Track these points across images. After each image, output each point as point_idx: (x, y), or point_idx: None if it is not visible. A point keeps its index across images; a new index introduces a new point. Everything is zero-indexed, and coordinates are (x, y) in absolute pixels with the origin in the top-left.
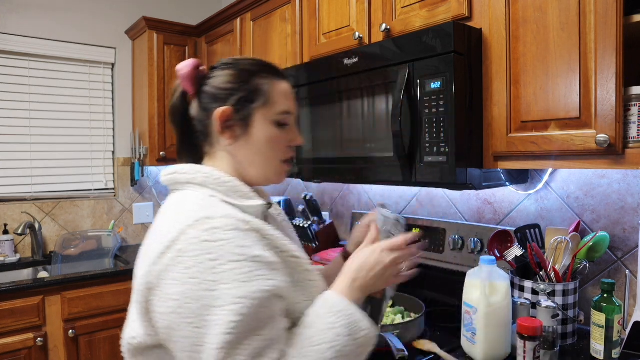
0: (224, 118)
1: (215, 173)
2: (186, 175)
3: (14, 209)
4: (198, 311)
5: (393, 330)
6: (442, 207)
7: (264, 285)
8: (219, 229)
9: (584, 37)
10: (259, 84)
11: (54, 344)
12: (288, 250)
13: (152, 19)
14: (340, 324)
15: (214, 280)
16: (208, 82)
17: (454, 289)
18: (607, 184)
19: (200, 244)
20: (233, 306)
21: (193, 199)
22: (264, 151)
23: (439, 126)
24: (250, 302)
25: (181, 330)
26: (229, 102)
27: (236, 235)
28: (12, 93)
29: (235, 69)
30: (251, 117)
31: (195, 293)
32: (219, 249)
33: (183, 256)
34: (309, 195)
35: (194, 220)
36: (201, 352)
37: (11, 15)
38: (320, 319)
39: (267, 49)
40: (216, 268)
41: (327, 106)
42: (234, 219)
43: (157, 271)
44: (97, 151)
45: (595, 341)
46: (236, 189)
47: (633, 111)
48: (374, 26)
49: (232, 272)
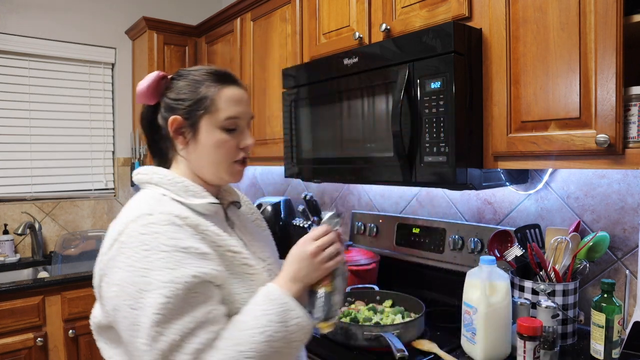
0: (174, 126)
1: (170, 174)
2: (145, 176)
3: (14, 209)
4: (134, 294)
5: (393, 330)
6: (442, 207)
7: (191, 272)
8: (155, 224)
9: (584, 37)
10: (204, 93)
11: (54, 344)
12: (225, 245)
13: (152, 19)
14: (273, 311)
15: (147, 267)
16: (167, 92)
17: (454, 289)
18: (607, 184)
19: (138, 237)
20: (161, 290)
21: (146, 196)
22: (212, 155)
23: (439, 126)
24: (176, 285)
25: (122, 311)
26: (179, 111)
27: (169, 229)
28: (12, 93)
29: (185, 80)
30: (198, 124)
31: (132, 279)
32: (152, 240)
33: (124, 247)
34: (309, 195)
35: (136, 216)
36: (137, 330)
37: (11, 15)
38: (256, 307)
39: (267, 49)
40: (149, 257)
41: (327, 106)
42: (170, 215)
43: (105, 260)
44: (97, 151)
45: (595, 341)
46: (187, 189)
47: (633, 111)
48: (374, 26)
49: (162, 261)
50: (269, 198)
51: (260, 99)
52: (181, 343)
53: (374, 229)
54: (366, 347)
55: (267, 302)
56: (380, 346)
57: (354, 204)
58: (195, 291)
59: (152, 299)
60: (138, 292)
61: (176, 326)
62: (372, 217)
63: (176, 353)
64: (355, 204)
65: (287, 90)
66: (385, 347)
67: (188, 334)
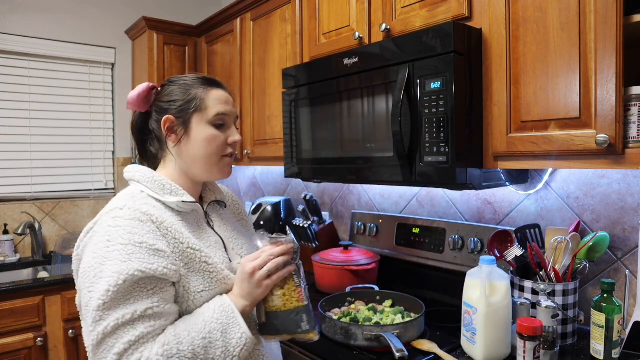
0: (167, 124)
1: (150, 173)
2: (130, 174)
3: (14, 209)
4: (91, 279)
5: (393, 330)
6: (442, 207)
7: (138, 266)
8: (120, 218)
9: (584, 37)
10: (194, 94)
11: (54, 344)
12: (186, 242)
13: (152, 19)
14: (220, 321)
15: (105, 257)
16: (158, 98)
17: (454, 289)
18: (607, 184)
19: (105, 228)
20: (108, 279)
21: (127, 192)
22: (203, 148)
23: (439, 126)
24: (121, 277)
25: (82, 292)
26: (171, 111)
27: (131, 224)
28: (12, 93)
29: (176, 85)
30: (190, 121)
31: (92, 265)
32: (114, 233)
33: (94, 236)
34: (309, 195)
35: (109, 209)
36: (87, 311)
37: (11, 15)
38: (207, 312)
39: (267, 49)
40: (109, 247)
41: (327, 106)
42: (137, 211)
43: (82, 246)
44: (97, 151)
45: (595, 341)
46: (164, 187)
47: (633, 111)
48: (374, 26)
49: (117, 252)
50: (269, 198)
51: (260, 99)
52: (117, 331)
53: (374, 229)
54: (366, 347)
55: (218, 311)
56: (380, 346)
57: (354, 204)
58: (140, 285)
59: (100, 286)
60: (94, 277)
61: (115, 314)
62: (372, 217)
63: (111, 339)
64: (355, 204)
65: (287, 90)
66: (385, 347)
67: (125, 324)
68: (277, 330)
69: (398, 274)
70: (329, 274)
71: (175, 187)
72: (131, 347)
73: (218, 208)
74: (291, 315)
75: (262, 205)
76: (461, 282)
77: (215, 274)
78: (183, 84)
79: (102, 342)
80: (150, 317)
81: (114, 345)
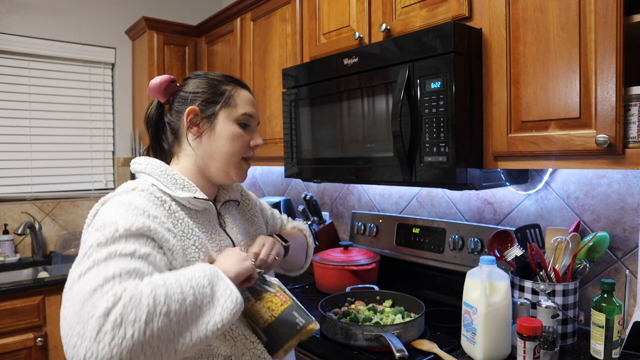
0: (190, 115)
1: (162, 166)
2: (140, 166)
3: (14, 209)
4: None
5: (393, 330)
6: (442, 207)
7: (153, 226)
8: (135, 195)
9: (584, 37)
10: (224, 89)
11: (54, 344)
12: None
13: (152, 19)
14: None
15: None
16: (181, 89)
17: (454, 289)
18: (607, 184)
19: (120, 200)
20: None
21: (134, 181)
22: (225, 146)
23: (439, 126)
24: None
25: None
26: (197, 103)
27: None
28: (12, 93)
29: (202, 78)
30: (216, 115)
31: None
32: (131, 201)
33: (102, 210)
34: (309, 195)
35: (119, 192)
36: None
37: (11, 15)
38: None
39: (267, 49)
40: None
41: (327, 106)
42: (152, 195)
43: (85, 227)
44: (97, 151)
45: (595, 341)
46: (176, 181)
47: (633, 111)
48: (374, 26)
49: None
50: (269, 198)
51: (260, 99)
52: (110, 259)
53: (374, 229)
54: (366, 347)
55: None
56: (380, 346)
57: (354, 204)
58: (147, 237)
59: (103, 232)
60: (103, 223)
61: (114, 247)
62: (372, 217)
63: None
64: (355, 204)
65: (287, 90)
66: (385, 347)
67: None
68: (281, 341)
69: (398, 274)
70: (329, 274)
71: (188, 182)
72: (121, 275)
73: (231, 208)
74: (283, 319)
75: None
76: (461, 282)
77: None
78: (211, 79)
79: (90, 269)
80: (146, 261)
81: (104, 270)
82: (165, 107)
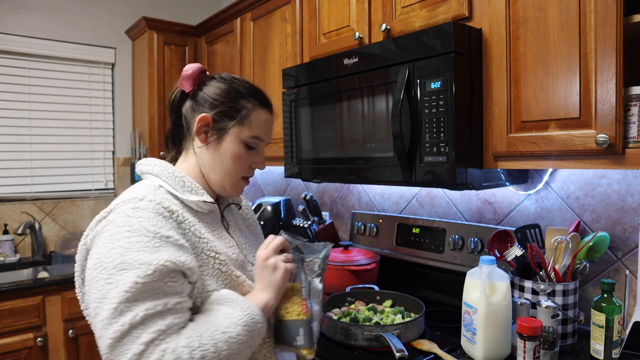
0: (201, 123)
1: (170, 168)
2: (147, 167)
3: (14, 209)
4: (111, 270)
5: (393, 330)
6: (442, 207)
7: (168, 257)
8: (143, 209)
9: (584, 37)
10: (242, 105)
11: (54, 344)
12: (205, 244)
13: (152, 19)
14: (242, 320)
15: (126, 247)
16: (204, 87)
17: (454, 289)
18: (607, 184)
19: (124, 218)
20: (136, 270)
21: (143, 185)
22: (226, 164)
23: (439, 126)
24: (151, 267)
25: (96, 283)
26: (212, 111)
27: (154, 217)
28: (12, 93)
29: (228, 85)
30: (225, 131)
31: (110, 256)
32: (136, 223)
33: (110, 225)
34: (309, 195)
35: (127, 199)
36: (105, 302)
37: (11, 15)
38: (228, 309)
39: (267, 49)
40: (130, 238)
41: (327, 106)
42: (159, 205)
43: (92, 235)
44: (97, 151)
45: (595, 341)
46: (184, 184)
47: (633, 111)
48: (374, 26)
49: (141, 244)
50: (269, 198)
51: None
52: (145, 321)
53: (374, 229)
54: (366, 347)
55: (240, 308)
56: (380, 346)
57: (354, 204)
58: (170, 277)
59: (125, 277)
60: (113, 269)
61: (144, 305)
62: (372, 217)
63: (138, 330)
64: (355, 204)
65: (287, 90)
66: (385, 347)
67: (155, 315)
68: (276, 339)
69: (398, 274)
70: (329, 274)
71: (196, 185)
72: (159, 336)
73: (233, 211)
74: (289, 326)
75: (262, 205)
76: (461, 282)
77: (231, 278)
78: (235, 89)
79: (127, 333)
80: (179, 310)
81: (141, 335)
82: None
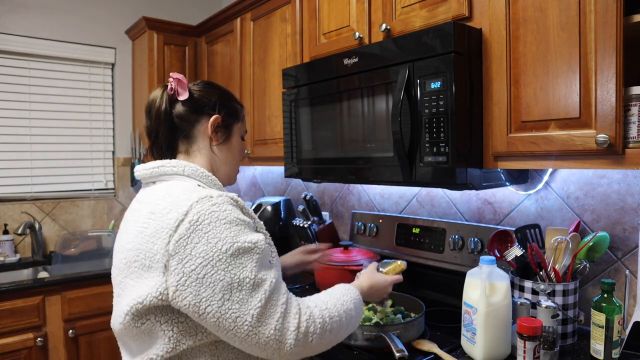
0: (215, 123)
1: (199, 168)
2: (174, 168)
3: (14, 209)
4: (229, 258)
5: (393, 330)
6: (442, 207)
7: (261, 238)
8: (221, 204)
9: (584, 37)
10: (235, 107)
11: (54, 344)
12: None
13: (152, 19)
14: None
15: (234, 235)
16: (196, 93)
17: (454, 289)
18: (607, 184)
19: (210, 214)
20: (252, 250)
21: (185, 186)
22: (236, 155)
23: (439, 126)
24: (259, 244)
25: (216, 274)
26: (221, 112)
27: (233, 207)
28: (12, 93)
29: (218, 89)
30: (232, 129)
31: (222, 247)
32: (227, 215)
33: (198, 224)
34: (309, 195)
35: (198, 198)
36: (237, 284)
37: (11, 15)
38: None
39: (267, 49)
40: (231, 228)
41: (327, 106)
42: (227, 197)
43: (174, 241)
44: (97, 151)
45: (595, 341)
46: (215, 183)
47: (633, 111)
48: (374, 26)
49: (241, 229)
50: (269, 198)
51: (260, 99)
52: (277, 286)
53: (374, 229)
54: (366, 347)
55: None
56: (380, 346)
57: (354, 204)
58: (268, 253)
59: (248, 257)
60: (232, 256)
61: (270, 274)
62: (372, 217)
63: (275, 294)
64: (355, 204)
65: (287, 90)
66: (385, 347)
67: (278, 280)
68: None
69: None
70: (329, 274)
71: (219, 182)
72: (289, 297)
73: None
74: None
75: (262, 205)
76: (461, 282)
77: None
78: (226, 92)
79: (269, 299)
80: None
81: (279, 297)
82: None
